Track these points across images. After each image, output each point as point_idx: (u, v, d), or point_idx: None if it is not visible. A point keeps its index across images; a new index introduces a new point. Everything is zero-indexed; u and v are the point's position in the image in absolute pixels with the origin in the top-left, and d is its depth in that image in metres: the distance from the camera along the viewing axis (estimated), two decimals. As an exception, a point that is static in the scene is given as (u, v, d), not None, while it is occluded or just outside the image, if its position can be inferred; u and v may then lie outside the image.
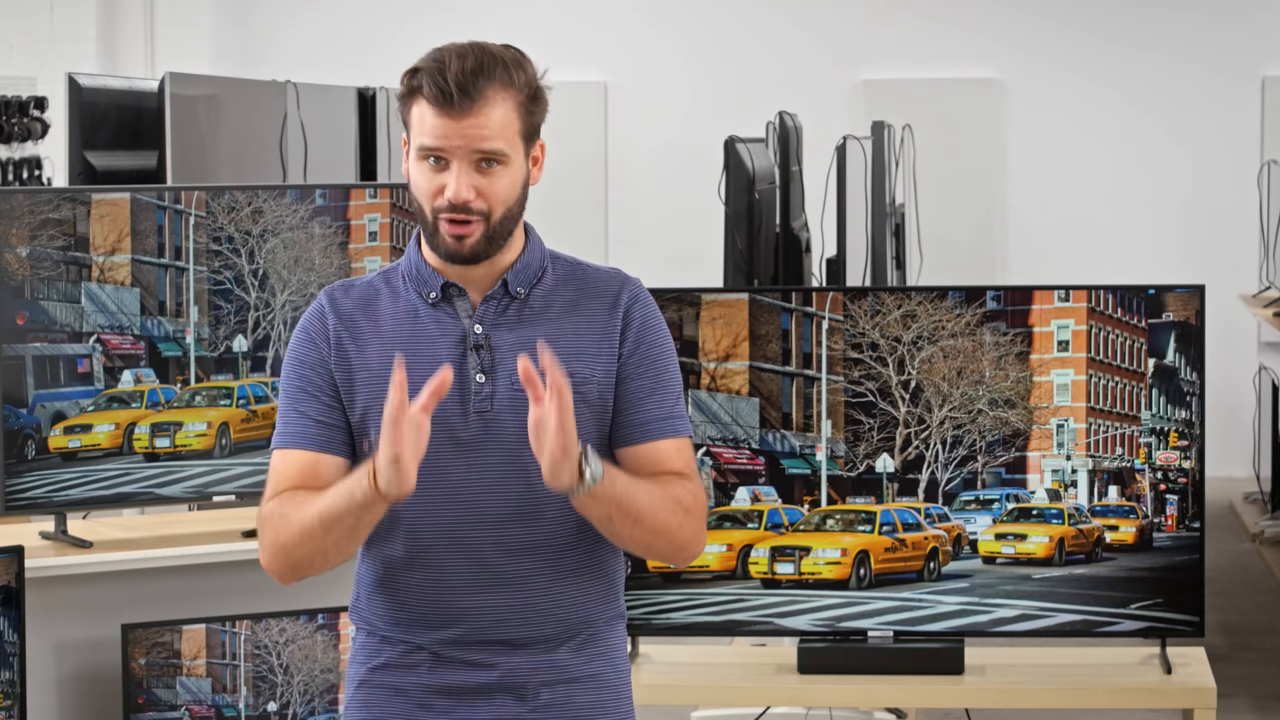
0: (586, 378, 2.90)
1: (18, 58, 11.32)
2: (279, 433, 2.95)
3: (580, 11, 12.09)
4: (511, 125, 2.84)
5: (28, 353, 4.52)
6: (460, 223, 2.83)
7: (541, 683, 2.92)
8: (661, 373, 2.96)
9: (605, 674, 2.98)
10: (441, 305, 2.92)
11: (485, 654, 2.90)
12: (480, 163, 2.82)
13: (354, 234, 4.82)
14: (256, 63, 11.62)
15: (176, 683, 4.53)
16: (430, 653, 2.92)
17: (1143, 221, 11.74)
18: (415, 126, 2.85)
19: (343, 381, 2.91)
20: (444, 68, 2.81)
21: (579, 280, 2.97)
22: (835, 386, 4.62)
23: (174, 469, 4.69)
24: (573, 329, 2.92)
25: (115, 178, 6.15)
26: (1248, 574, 8.85)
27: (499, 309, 2.91)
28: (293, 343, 2.97)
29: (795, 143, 6.64)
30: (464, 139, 2.81)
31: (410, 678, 2.93)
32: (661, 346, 2.98)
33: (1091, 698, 4.48)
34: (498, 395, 2.87)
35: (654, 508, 2.84)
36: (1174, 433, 4.60)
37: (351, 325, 2.93)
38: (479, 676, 2.91)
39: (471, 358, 2.89)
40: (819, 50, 11.89)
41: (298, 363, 2.94)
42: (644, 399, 2.94)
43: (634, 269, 3.13)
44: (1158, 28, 11.71)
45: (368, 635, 2.98)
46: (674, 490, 2.89)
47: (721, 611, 4.62)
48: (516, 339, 2.89)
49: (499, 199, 2.84)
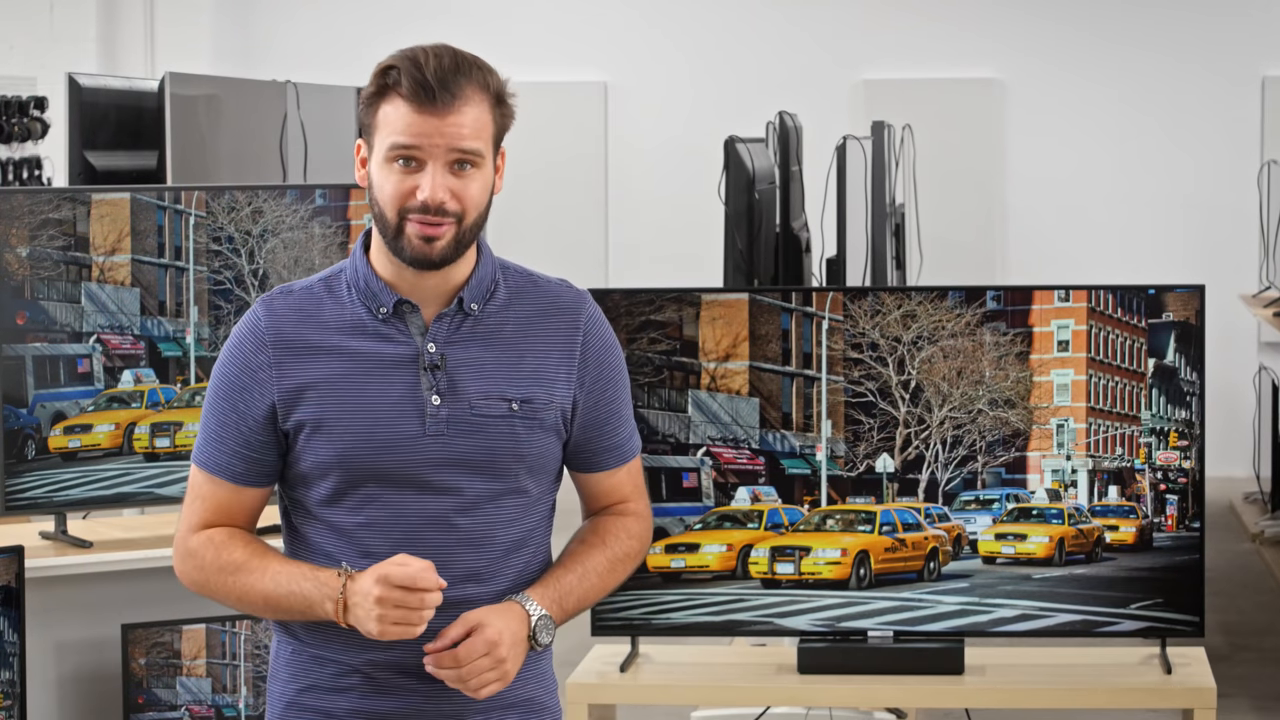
0: (545, 403, 2.86)
1: (18, 58, 11.32)
2: (200, 442, 2.89)
3: (580, 11, 12.09)
4: (486, 127, 2.77)
5: (28, 353, 4.52)
6: (432, 224, 2.75)
7: (477, 709, 2.86)
8: (619, 398, 2.96)
9: (539, 697, 2.95)
10: (391, 320, 2.83)
11: (420, 678, 2.82)
12: (455, 164, 2.75)
13: (354, 234, 4.82)
14: (256, 63, 11.63)
15: (176, 683, 4.53)
16: (363, 675, 2.84)
17: (1143, 221, 11.74)
18: (385, 126, 2.75)
19: (282, 400, 2.82)
20: (422, 64, 2.73)
21: (532, 295, 2.90)
22: (835, 386, 4.62)
23: (174, 469, 4.69)
24: (530, 350, 2.86)
25: (115, 178, 6.16)
26: (1248, 574, 8.85)
27: (453, 326, 2.83)
28: (226, 355, 2.87)
29: (795, 143, 6.63)
30: (443, 137, 2.73)
31: (341, 702, 2.86)
32: (619, 369, 2.96)
33: (1091, 698, 4.48)
34: (454, 419, 2.81)
35: (607, 586, 2.94)
36: (1174, 433, 4.60)
37: (294, 339, 2.82)
38: (413, 701, 2.84)
39: (425, 378, 2.81)
40: (819, 50, 11.89)
41: (227, 384, 2.85)
42: (602, 426, 2.94)
43: (634, 269, 3.14)
44: (1158, 28, 11.72)
45: (294, 651, 2.90)
46: (620, 546, 2.96)
47: (721, 611, 4.62)
48: (471, 358, 2.83)
49: (472, 202, 2.77)
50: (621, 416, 2.96)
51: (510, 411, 2.83)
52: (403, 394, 2.80)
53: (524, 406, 2.84)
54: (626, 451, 2.98)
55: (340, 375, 2.81)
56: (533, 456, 2.86)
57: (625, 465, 2.99)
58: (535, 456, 2.87)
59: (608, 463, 2.97)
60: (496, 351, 2.85)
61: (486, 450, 2.82)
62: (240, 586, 2.83)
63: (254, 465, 2.86)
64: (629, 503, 3.01)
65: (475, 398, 2.81)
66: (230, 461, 2.86)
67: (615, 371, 2.95)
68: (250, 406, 2.83)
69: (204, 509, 2.89)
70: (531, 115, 3.67)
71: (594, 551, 2.93)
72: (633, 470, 3.01)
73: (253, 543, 2.87)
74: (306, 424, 2.81)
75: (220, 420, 2.85)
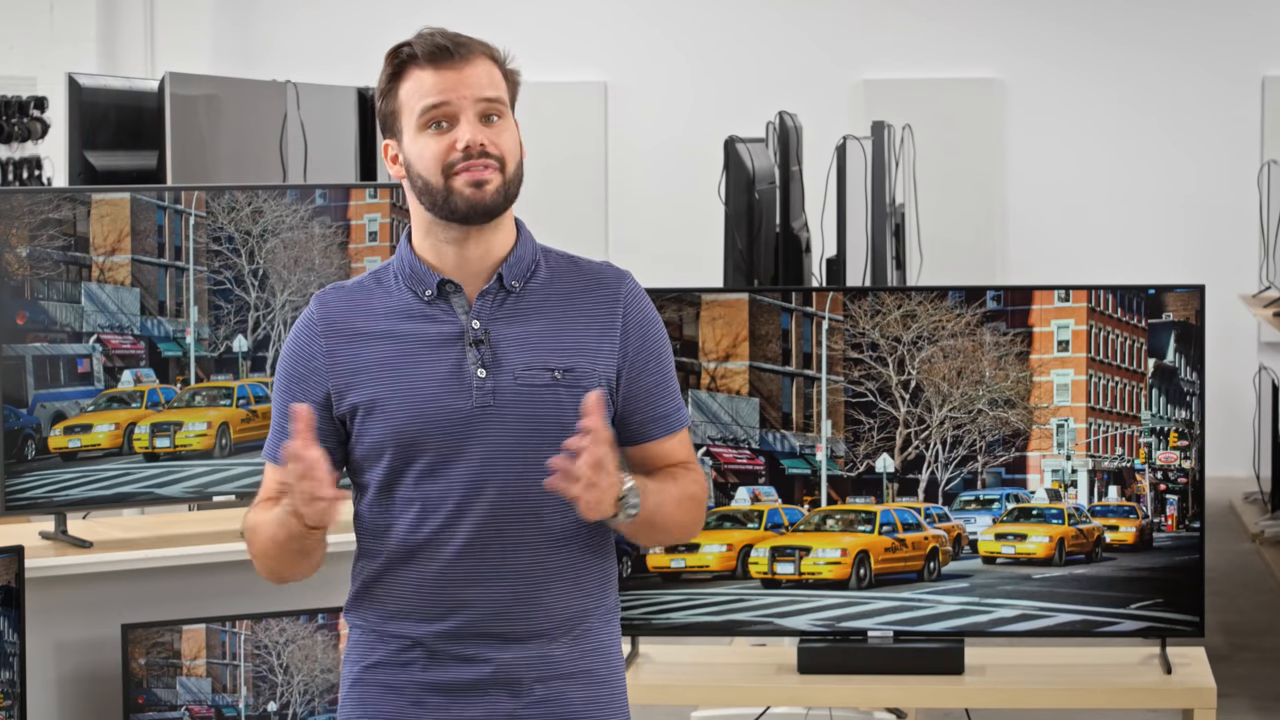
0: (588, 372, 2.91)
1: (18, 58, 11.32)
2: (267, 442, 3.01)
3: (580, 11, 12.09)
4: (500, 83, 2.90)
5: (28, 353, 4.52)
6: (478, 169, 2.85)
7: (535, 678, 2.92)
8: (665, 370, 3.01)
9: (599, 670, 2.99)
10: (437, 302, 2.92)
11: (479, 648, 2.90)
12: (483, 116, 2.87)
13: (354, 234, 4.82)
14: (256, 63, 11.63)
15: (176, 683, 4.53)
16: (425, 648, 2.92)
17: (1143, 221, 11.74)
18: (412, 96, 2.87)
19: (336, 386, 2.92)
20: (428, 34, 2.89)
21: (573, 273, 2.98)
22: (835, 386, 4.62)
23: (174, 469, 4.69)
24: (571, 324, 2.93)
25: (115, 178, 6.15)
26: (1248, 574, 8.85)
27: (495, 303, 2.92)
28: (284, 351, 2.99)
29: (795, 143, 6.64)
30: (468, 88, 2.85)
31: (404, 675, 2.93)
32: (662, 342, 3.02)
33: (1091, 698, 4.48)
34: (499, 390, 2.88)
35: (677, 517, 2.95)
36: (1174, 433, 4.60)
37: (345, 327, 2.93)
38: (473, 671, 2.91)
39: (471, 353, 2.89)
40: (819, 50, 11.89)
41: (286, 375, 2.97)
42: (650, 397, 2.98)
43: (634, 269, 3.14)
44: (1158, 28, 11.71)
45: (362, 633, 2.99)
46: (689, 487, 2.98)
47: (721, 611, 4.62)
48: (515, 333, 2.90)
49: (509, 149, 2.88)
50: (668, 388, 3.00)
51: (554, 380, 2.89)
52: (450, 370, 2.88)
53: (567, 375, 2.89)
54: (675, 421, 3.01)
55: (390, 357, 2.90)
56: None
57: (675, 435, 3.02)
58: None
59: (656, 432, 2.99)
60: (539, 325, 2.92)
61: (533, 419, 2.87)
62: (263, 544, 2.92)
63: None
64: (685, 464, 3.03)
65: (519, 369, 2.88)
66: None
67: (658, 344, 3.00)
68: (306, 394, 2.93)
69: (260, 493, 2.99)
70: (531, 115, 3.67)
71: (666, 482, 2.96)
72: (684, 439, 3.04)
73: (273, 506, 2.92)
74: (360, 407, 2.90)
75: (281, 411, 2.96)
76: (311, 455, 2.73)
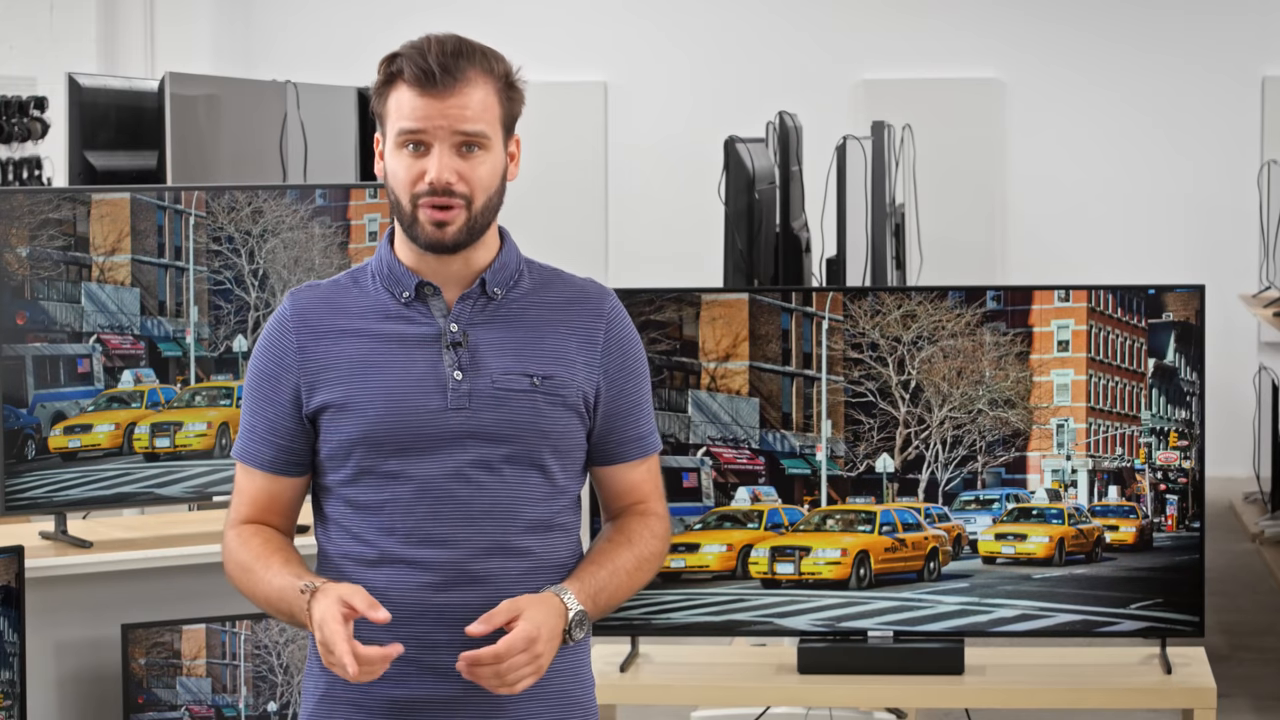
0: (566, 382, 2.89)
1: (18, 58, 11.31)
2: (240, 439, 2.96)
3: (580, 11, 12.09)
4: (492, 109, 2.83)
5: (28, 353, 4.52)
6: (442, 208, 2.80)
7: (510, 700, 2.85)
8: (642, 391, 2.99)
9: (572, 692, 2.95)
10: (414, 304, 2.88)
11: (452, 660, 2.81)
12: (461, 146, 2.81)
13: (354, 234, 4.82)
14: (256, 63, 11.63)
15: (176, 683, 4.53)
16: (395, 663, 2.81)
17: (1143, 221, 11.74)
18: (394, 112, 2.83)
19: (306, 383, 2.88)
20: (424, 50, 2.81)
21: (557, 285, 2.95)
22: (835, 386, 4.62)
23: (174, 469, 4.69)
24: (552, 333, 2.90)
25: (115, 178, 6.15)
26: (1248, 574, 8.85)
27: (476, 308, 2.89)
28: (256, 348, 2.95)
29: (795, 143, 6.63)
30: (446, 119, 2.79)
31: (373, 691, 2.87)
32: (641, 362, 3.00)
33: (1091, 698, 4.48)
34: (476, 393, 2.85)
35: (634, 585, 2.94)
36: (1174, 433, 4.60)
37: (318, 324, 2.89)
38: (443, 689, 2.85)
39: (448, 355, 2.85)
40: (819, 50, 11.89)
41: (257, 373, 2.93)
42: (628, 416, 2.97)
43: (634, 269, 3.15)
44: (1158, 28, 11.71)
45: None
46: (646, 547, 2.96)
47: (721, 611, 4.62)
48: (495, 338, 2.88)
49: (480, 185, 2.82)
50: (643, 410, 2.99)
51: (532, 386, 2.86)
52: (425, 371, 2.85)
53: (545, 382, 2.87)
54: (648, 445, 3.01)
55: (362, 355, 2.86)
56: (556, 434, 2.88)
57: (646, 460, 3.01)
58: (559, 435, 2.89)
59: (629, 454, 2.99)
60: (519, 333, 2.89)
61: (509, 423, 2.85)
62: (251, 585, 2.89)
63: (283, 452, 2.91)
64: (649, 503, 3.03)
65: (497, 373, 2.86)
66: (260, 449, 2.92)
67: (636, 363, 2.98)
68: (278, 392, 2.89)
69: (242, 502, 2.95)
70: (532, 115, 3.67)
71: (621, 550, 2.94)
72: (652, 468, 3.03)
73: (270, 540, 2.90)
74: (331, 405, 2.86)
75: (252, 410, 2.93)
76: (376, 656, 2.71)
